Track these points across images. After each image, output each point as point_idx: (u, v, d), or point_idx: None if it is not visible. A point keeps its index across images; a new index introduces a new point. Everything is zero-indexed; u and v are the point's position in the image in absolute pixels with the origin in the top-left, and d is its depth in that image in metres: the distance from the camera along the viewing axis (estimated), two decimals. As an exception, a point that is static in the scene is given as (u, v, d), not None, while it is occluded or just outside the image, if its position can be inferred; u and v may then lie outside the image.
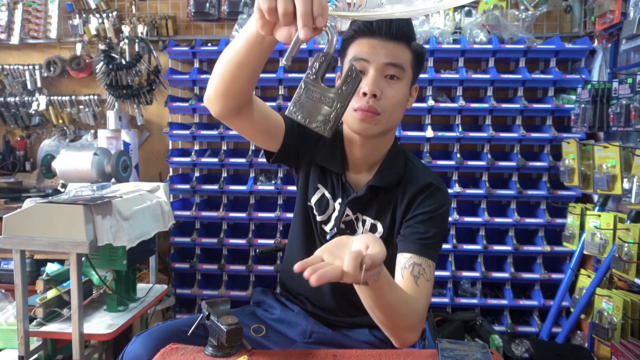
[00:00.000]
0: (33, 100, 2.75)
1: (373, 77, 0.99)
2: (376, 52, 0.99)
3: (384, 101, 1.00)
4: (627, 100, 1.79)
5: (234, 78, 0.87)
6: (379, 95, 0.99)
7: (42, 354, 1.69)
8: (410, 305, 0.91)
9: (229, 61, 0.85)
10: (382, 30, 1.00)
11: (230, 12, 2.55)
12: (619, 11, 1.96)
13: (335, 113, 0.66)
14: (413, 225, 1.05)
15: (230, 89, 0.89)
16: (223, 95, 0.91)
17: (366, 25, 1.00)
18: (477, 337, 2.18)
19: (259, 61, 0.84)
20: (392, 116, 1.03)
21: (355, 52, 1.01)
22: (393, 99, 1.01)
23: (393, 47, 1.00)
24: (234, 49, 0.83)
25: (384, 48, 1.00)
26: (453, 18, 2.45)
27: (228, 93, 0.90)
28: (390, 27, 1.00)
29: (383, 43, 1.00)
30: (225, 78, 0.88)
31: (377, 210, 1.12)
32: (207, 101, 0.95)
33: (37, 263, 2.14)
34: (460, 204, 2.45)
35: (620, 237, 1.77)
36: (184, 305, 2.58)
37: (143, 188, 1.90)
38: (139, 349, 0.99)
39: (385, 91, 1.00)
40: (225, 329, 0.94)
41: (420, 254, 0.99)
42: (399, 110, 1.04)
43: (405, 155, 1.16)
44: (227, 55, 0.86)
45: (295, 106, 0.65)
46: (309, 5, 0.61)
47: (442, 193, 1.09)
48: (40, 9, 2.73)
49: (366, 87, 0.98)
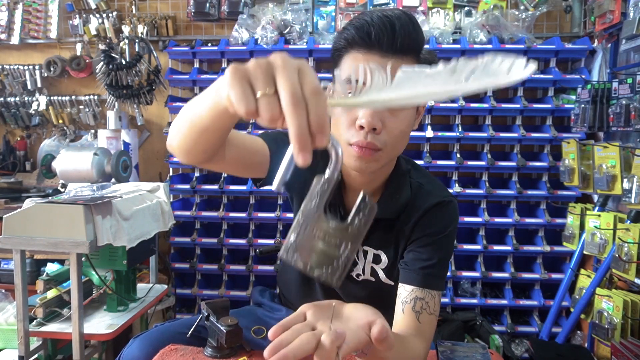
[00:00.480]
0: (33, 100, 2.75)
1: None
2: None
3: (385, 135, 0.83)
4: (627, 100, 1.79)
5: (199, 141, 0.71)
6: (379, 129, 0.81)
7: (42, 354, 1.69)
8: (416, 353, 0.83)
9: (192, 124, 0.68)
10: (383, 43, 0.80)
11: (230, 12, 2.55)
12: (619, 11, 1.96)
13: (344, 257, 0.51)
14: (416, 249, 0.94)
15: (195, 149, 0.75)
16: (188, 154, 0.77)
17: (361, 36, 0.81)
18: (477, 337, 2.18)
19: (229, 127, 0.68)
20: (395, 149, 0.88)
21: (350, 71, 0.82)
22: (396, 131, 0.84)
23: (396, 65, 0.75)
24: (198, 113, 0.65)
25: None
26: (453, 18, 2.45)
27: (193, 153, 0.76)
28: (394, 38, 0.80)
29: (384, 61, 0.80)
30: (188, 140, 0.72)
31: (380, 239, 1.00)
32: (169, 148, 0.81)
33: (37, 263, 2.14)
34: (460, 204, 2.44)
35: (620, 237, 1.76)
36: (184, 305, 2.58)
37: (143, 188, 1.90)
38: (136, 352, 0.99)
39: (387, 122, 0.82)
40: (224, 330, 0.94)
41: (424, 286, 0.90)
42: (404, 140, 0.89)
43: (410, 174, 1.01)
44: (189, 117, 0.68)
45: (291, 248, 0.49)
46: (303, 120, 0.44)
47: (450, 209, 0.97)
48: (40, 9, 2.73)
49: (363, 119, 0.80)
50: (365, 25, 0.80)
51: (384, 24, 0.79)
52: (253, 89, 0.46)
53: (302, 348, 0.55)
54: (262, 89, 0.46)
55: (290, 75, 0.45)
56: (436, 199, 0.97)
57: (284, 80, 0.45)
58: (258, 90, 0.46)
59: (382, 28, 0.79)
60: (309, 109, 0.45)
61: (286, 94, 0.45)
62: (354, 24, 0.82)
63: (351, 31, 0.82)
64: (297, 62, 0.48)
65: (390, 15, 0.80)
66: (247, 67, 0.47)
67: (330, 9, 2.53)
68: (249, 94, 0.46)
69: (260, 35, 2.38)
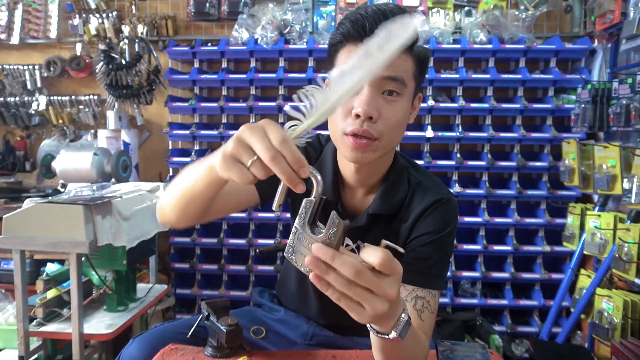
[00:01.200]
0: (33, 100, 2.75)
1: (368, 95, 0.82)
2: None
3: (381, 123, 0.84)
4: (627, 100, 1.79)
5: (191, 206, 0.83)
6: (375, 117, 0.83)
7: (42, 354, 1.69)
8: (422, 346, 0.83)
9: (185, 191, 0.81)
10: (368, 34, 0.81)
11: (230, 12, 2.55)
12: (619, 11, 1.96)
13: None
14: (416, 248, 0.94)
15: (187, 214, 0.86)
16: (181, 218, 0.87)
17: (356, 29, 0.83)
18: (477, 337, 2.18)
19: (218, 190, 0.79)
20: (392, 139, 0.88)
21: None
22: (392, 120, 0.85)
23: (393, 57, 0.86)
24: (190, 181, 0.78)
25: None
26: (453, 18, 2.45)
27: (185, 216, 0.86)
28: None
29: None
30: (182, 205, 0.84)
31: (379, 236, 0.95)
32: (161, 213, 0.91)
33: (37, 263, 2.13)
34: (460, 204, 2.45)
35: (620, 237, 1.76)
36: (184, 305, 2.57)
37: (143, 188, 1.90)
38: (135, 352, 0.99)
39: (383, 111, 0.84)
40: (224, 330, 0.94)
41: (424, 286, 0.91)
42: (400, 130, 0.89)
43: (409, 170, 1.02)
44: (183, 185, 0.81)
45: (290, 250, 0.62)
46: (285, 165, 0.56)
47: (449, 208, 0.97)
48: (40, 9, 2.73)
49: (359, 108, 0.82)
50: (360, 18, 0.82)
51: (378, 16, 0.81)
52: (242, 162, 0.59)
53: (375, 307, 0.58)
54: (247, 160, 0.58)
55: (259, 139, 0.57)
56: (435, 196, 0.96)
57: (258, 145, 0.57)
58: (246, 162, 0.59)
59: (376, 20, 0.81)
60: (284, 155, 0.56)
61: (264, 155, 0.56)
62: (350, 18, 0.85)
63: (347, 25, 0.84)
64: (260, 124, 0.59)
65: (384, 8, 0.82)
66: (231, 148, 0.60)
67: (330, 9, 2.53)
68: (242, 169, 0.59)
69: (260, 35, 2.38)
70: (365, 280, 0.56)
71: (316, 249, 0.57)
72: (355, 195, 1.01)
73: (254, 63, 2.44)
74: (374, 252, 0.57)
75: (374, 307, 0.58)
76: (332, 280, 0.57)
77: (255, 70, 2.43)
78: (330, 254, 0.56)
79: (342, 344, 1.12)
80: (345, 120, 0.85)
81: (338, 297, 0.58)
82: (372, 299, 0.58)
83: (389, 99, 0.85)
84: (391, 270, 0.58)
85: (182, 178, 0.82)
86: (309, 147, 1.06)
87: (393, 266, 0.58)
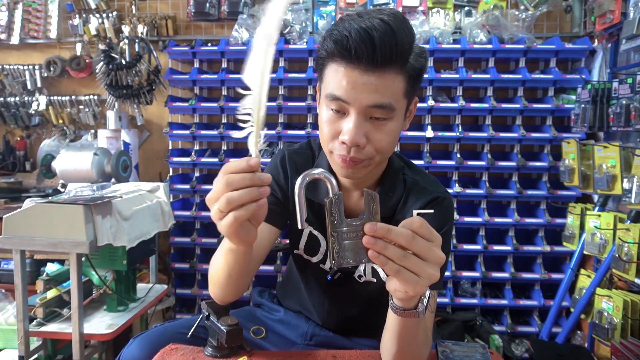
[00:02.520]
0: (33, 100, 2.75)
1: (354, 122, 0.79)
2: (356, 90, 0.77)
3: (370, 147, 0.82)
4: (627, 100, 1.79)
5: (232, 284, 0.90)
6: (362, 144, 0.81)
7: (42, 354, 1.69)
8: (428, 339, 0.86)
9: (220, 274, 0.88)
10: (362, 58, 0.75)
11: (230, 12, 2.55)
12: (619, 11, 1.96)
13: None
14: None
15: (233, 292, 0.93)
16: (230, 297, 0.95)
17: (341, 47, 0.77)
18: (477, 337, 2.18)
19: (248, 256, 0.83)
20: (384, 156, 0.87)
21: (331, 86, 0.80)
22: (381, 143, 0.82)
23: (378, 81, 0.77)
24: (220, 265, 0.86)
25: (366, 83, 0.77)
26: (453, 18, 2.45)
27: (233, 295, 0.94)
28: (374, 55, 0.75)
29: (365, 76, 0.77)
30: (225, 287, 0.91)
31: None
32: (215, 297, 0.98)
33: (37, 263, 2.13)
34: (460, 204, 2.45)
35: (620, 237, 1.77)
36: (184, 305, 2.58)
37: (143, 188, 1.90)
38: (135, 352, 0.99)
39: (372, 136, 0.81)
40: (225, 330, 0.94)
41: None
42: (391, 147, 0.86)
43: (404, 171, 1.01)
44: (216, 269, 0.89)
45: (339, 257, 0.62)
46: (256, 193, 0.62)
47: (445, 206, 0.96)
48: (40, 9, 2.73)
49: (346, 136, 0.79)
50: (344, 39, 0.76)
51: (362, 39, 0.74)
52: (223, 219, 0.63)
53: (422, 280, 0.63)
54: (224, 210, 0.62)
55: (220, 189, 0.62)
56: (431, 195, 0.96)
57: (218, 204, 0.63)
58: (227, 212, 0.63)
59: (360, 44, 0.74)
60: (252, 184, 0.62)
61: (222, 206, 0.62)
62: (333, 36, 0.78)
63: (330, 44, 0.79)
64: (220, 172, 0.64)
65: (368, 26, 0.74)
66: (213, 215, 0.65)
67: (330, 9, 2.53)
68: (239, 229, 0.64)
69: (260, 35, 2.38)
70: (418, 246, 0.61)
71: (370, 229, 0.60)
72: (351, 198, 1.00)
73: (254, 63, 2.43)
74: (410, 220, 0.62)
75: (429, 274, 0.62)
76: (392, 254, 0.60)
77: (255, 70, 2.42)
78: (387, 228, 0.60)
79: (342, 344, 1.12)
80: (333, 142, 0.84)
81: (397, 270, 0.61)
82: (425, 266, 0.61)
83: (378, 123, 0.81)
84: (430, 234, 0.62)
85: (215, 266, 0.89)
86: (294, 154, 1.06)
87: (431, 231, 0.63)
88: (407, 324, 0.75)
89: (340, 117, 0.82)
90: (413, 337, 0.79)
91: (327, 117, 0.84)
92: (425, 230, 0.62)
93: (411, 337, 0.79)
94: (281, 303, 1.25)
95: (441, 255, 0.63)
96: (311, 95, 2.38)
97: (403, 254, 0.60)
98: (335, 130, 0.83)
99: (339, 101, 0.80)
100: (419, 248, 0.61)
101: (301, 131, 2.41)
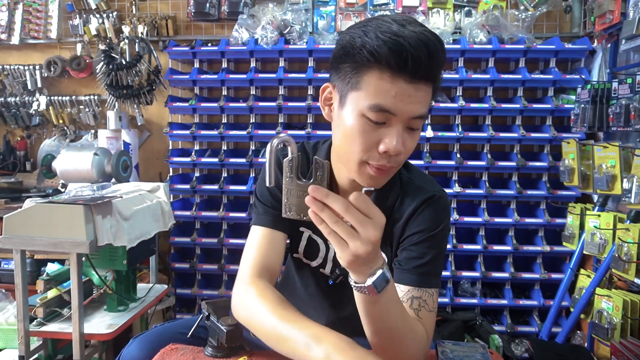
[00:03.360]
0: (33, 100, 2.75)
1: (399, 133, 0.78)
2: (404, 102, 0.76)
3: (403, 155, 0.82)
4: (627, 100, 1.79)
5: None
6: (402, 154, 0.81)
7: (42, 353, 1.70)
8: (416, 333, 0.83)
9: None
10: (408, 68, 0.74)
11: (230, 12, 2.55)
12: (619, 11, 1.96)
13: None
14: (409, 248, 0.93)
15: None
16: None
17: (396, 60, 0.73)
18: (477, 337, 2.18)
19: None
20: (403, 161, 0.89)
21: (376, 97, 0.76)
22: (411, 150, 0.85)
23: (421, 92, 0.77)
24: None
25: (412, 95, 0.76)
26: (453, 18, 2.45)
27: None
28: (430, 68, 0.76)
29: (412, 88, 0.76)
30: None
31: None
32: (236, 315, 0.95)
33: (38, 263, 2.14)
34: (460, 204, 2.45)
35: (619, 237, 1.77)
36: (184, 305, 2.58)
37: (143, 188, 1.90)
38: (135, 352, 0.99)
39: (407, 144, 0.82)
40: (225, 330, 0.94)
41: (419, 286, 0.89)
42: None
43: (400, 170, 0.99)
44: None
45: (286, 207, 0.73)
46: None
47: (441, 205, 0.96)
48: (40, 9, 2.73)
49: (391, 147, 0.78)
50: (403, 50, 0.72)
51: (421, 51, 0.73)
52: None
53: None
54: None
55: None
56: (426, 194, 0.95)
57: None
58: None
59: (419, 57, 0.73)
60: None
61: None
62: (388, 44, 0.73)
63: (384, 50, 0.73)
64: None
65: (425, 40, 0.74)
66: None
67: (330, 9, 2.53)
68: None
69: (260, 35, 2.38)
70: (351, 216, 0.66)
71: (312, 190, 0.66)
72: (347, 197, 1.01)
73: (254, 63, 2.44)
74: (353, 194, 0.67)
75: (356, 246, 0.66)
76: (325, 217, 0.66)
77: (255, 71, 2.43)
78: (325, 192, 0.66)
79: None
80: (369, 152, 0.81)
81: (329, 232, 0.67)
82: (356, 237, 0.66)
83: (411, 132, 0.82)
84: (367, 210, 0.67)
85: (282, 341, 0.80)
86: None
87: (369, 207, 0.67)
88: (367, 302, 0.76)
89: (378, 128, 0.79)
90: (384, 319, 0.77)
91: (363, 127, 0.79)
92: (362, 204, 0.67)
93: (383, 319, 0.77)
94: None
95: (374, 234, 0.66)
96: (311, 95, 2.38)
97: (335, 219, 0.66)
98: (372, 141, 0.80)
99: (385, 113, 0.77)
100: (352, 218, 0.66)
101: (301, 131, 2.41)
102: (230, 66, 2.52)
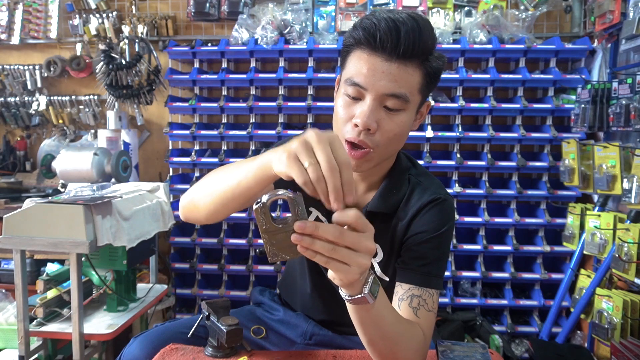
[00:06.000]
0: (33, 100, 2.75)
1: (369, 107, 0.82)
2: (375, 77, 0.82)
3: (379, 135, 0.85)
4: (627, 100, 1.79)
5: (231, 203, 0.82)
6: (373, 129, 0.83)
7: (42, 353, 1.69)
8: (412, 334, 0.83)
9: (228, 189, 0.80)
10: (386, 47, 0.80)
11: (230, 12, 2.55)
12: (619, 11, 1.96)
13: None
14: (412, 248, 0.94)
15: (225, 210, 0.86)
16: (214, 215, 0.88)
17: (367, 37, 0.82)
18: (477, 337, 2.18)
19: (264, 187, 0.77)
20: (388, 149, 0.89)
21: (352, 72, 0.85)
22: (390, 133, 0.85)
23: (398, 71, 0.82)
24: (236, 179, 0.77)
25: (386, 72, 0.81)
26: (453, 18, 2.45)
27: (220, 214, 0.87)
28: (398, 44, 0.80)
29: (387, 64, 0.81)
30: (222, 202, 0.83)
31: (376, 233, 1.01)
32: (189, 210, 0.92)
33: (37, 263, 2.14)
34: (460, 204, 2.45)
35: (620, 237, 1.77)
36: (184, 305, 2.58)
37: (143, 188, 1.90)
38: (136, 352, 0.99)
39: (383, 123, 0.84)
40: (225, 330, 0.94)
41: (421, 285, 0.90)
42: (399, 141, 0.89)
43: (410, 171, 1.02)
44: (227, 183, 0.80)
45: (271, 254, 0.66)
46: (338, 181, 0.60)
47: (446, 207, 0.96)
48: (40, 9, 2.73)
49: (358, 119, 0.82)
50: (372, 27, 0.81)
51: (389, 29, 0.80)
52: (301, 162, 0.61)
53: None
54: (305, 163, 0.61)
55: (324, 150, 0.61)
56: (432, 196, 0.96)
57: (323, 155, 0.60)
58: (304, 162, 0.61)
59: (387, 33, 0.80)
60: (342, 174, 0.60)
61: (325, 165, 0.60)
62: (363, 24, 0.83)
63: (359, 31, 0.83)
64: (330, 137, 0.62)
65: (397, 19, 0.80)
66: (296, 148, 0.62)
67: (330, 9, 2.53)
68: (302, 168, 0.61)
69: (260, 35, 2.38)
70: (347, 240, 0.62)
71: (300, 227, 0.61)
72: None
73: (254, 63, 2.44)
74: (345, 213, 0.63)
75: (359, 263, 0.64)
76: (319, 248, 0.62)
77: (255, 70, 2.43)
78: (313, 225, 0.61)
79: (342, 344, 1.12)
80: (345, 126, 0.86)
81: (326, 261, 0.63)
82: (355, 255, 0.63)
83: (391, 113, 0.85)
84: (363, 226, 0.64)
85: (224, 176, 0.82)
86: None
87: (365, 223, 0.64)
88: (362, 311, 0.74)
89: (355, 103, 0.85)
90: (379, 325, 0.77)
91: (342, 101, 0.87)
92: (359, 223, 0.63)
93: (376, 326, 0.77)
94: (283, 301, 1.25)
95: (371, 246, 0.64)
96: (311, 95, 2.38)
97: (331, 247, 0.62)
98: (348, 115, 0.86)
99: (356, 87, 0.83)
100: (349, 242, 0.63)
101: (301, 131, 2.41)
102: (230, 66, 2.52)
